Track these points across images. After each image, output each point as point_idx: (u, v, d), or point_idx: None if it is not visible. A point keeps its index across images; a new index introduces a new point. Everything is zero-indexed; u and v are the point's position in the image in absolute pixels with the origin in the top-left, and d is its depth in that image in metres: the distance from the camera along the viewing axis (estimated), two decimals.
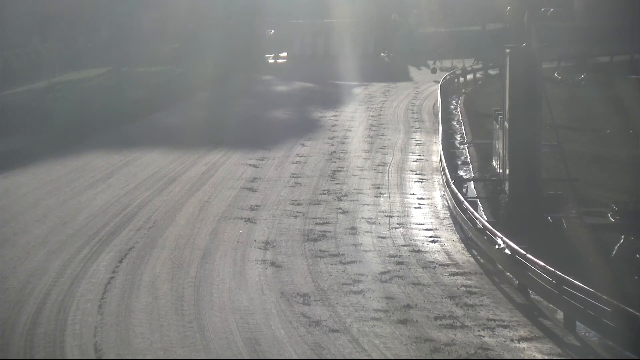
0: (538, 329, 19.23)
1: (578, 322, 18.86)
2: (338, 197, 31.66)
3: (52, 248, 25.22)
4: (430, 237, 26.76)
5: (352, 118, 51.25)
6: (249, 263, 23.82)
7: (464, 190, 31.62)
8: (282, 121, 51.45)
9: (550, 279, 19.65)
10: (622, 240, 24.99)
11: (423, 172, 36.22)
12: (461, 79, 67.23)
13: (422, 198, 31.88)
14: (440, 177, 34.53)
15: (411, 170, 36.70)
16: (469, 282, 22.40)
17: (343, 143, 42.84)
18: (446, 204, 30.53)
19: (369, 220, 28.59)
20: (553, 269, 19.64)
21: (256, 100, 60.22)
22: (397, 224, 28.11)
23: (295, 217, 28.85)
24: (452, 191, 29.43)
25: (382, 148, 41.62)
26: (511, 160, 28.25)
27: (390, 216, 29.04)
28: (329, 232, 27.08)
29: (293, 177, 35.08)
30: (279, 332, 18.81)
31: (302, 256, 24.52)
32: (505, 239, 22.67)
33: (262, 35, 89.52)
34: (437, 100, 54.35)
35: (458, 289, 21.88)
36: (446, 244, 25.97)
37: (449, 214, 29.27)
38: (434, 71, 72.50)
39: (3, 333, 18.99)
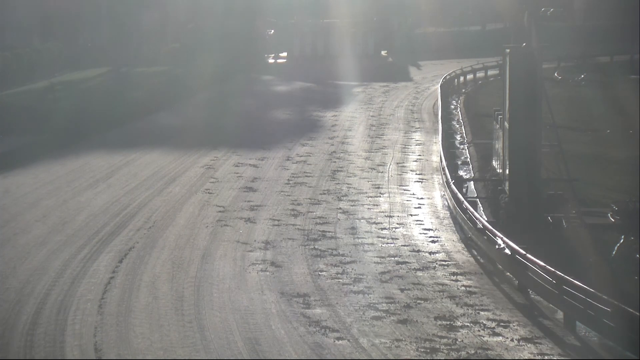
0: (538, 329, 19.23)
1: (578, 322, 18.87)
2: (338, 197, 31.66)
3: (52, 248, 25.21)
4: (430, 237, 26.75)
5: (353, 118, 51.23)
6: (249, 263, 23.82)
7: (464, 190, 31.61)
8: (282, 121, 51.43)
9: (550, 279, 19.66)
10: (622, 240, 24.98)
11: (423, 172, 36.21)
12: (461, 79, 67.23)
13: (422, 198, 31.88)
14: (440, 177, 34.52)
15: (411, 170, 36.70)
16: (469, 282, 22.40)
17: (343, 143, 42.83)
18: (446, 204, 30.53)
19: (369, 220, 28.58)
20: (553, 269, 19.64)
21: (256, 100, 60.19)
22: (397, 223, 28.10)
23: (296, 217, 28.85)
24: (452, 191, 29.42)
25: (382, 148, 41.60)
26: (511, 160, 28.25)
27: (390, 216, 29.03)
28: (329, 232, 27.07)
29: (293, 177, 35.08)
30: (279, 332, 18.81)
31: (302, 256, 24.50)
32: (505, 238, 22.67)
33: (262, 35, 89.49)
34: (437, 100, 54.34)
35: (458, 289, 21.87)
36: (446, 244, 25.97)
37: (449, 214, 29.27)
38: None
39: (3, 333, 18.99)
